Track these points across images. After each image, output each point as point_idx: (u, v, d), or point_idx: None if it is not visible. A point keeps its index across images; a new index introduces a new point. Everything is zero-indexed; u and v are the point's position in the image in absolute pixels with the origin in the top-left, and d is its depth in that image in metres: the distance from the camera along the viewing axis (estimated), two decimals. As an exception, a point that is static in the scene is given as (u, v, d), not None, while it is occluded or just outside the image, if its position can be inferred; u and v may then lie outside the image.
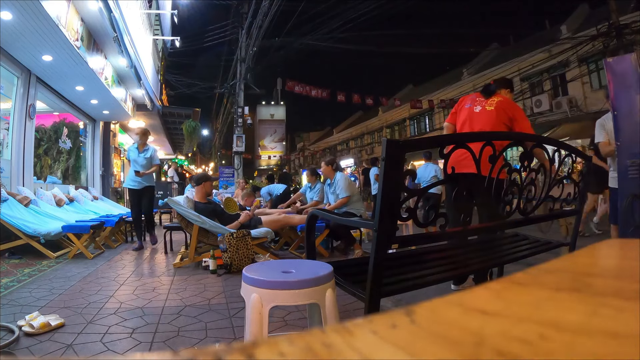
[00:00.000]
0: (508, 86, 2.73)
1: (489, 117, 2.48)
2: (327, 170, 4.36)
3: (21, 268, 3.48)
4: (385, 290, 1.12)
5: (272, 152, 38.28)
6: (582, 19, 14.35)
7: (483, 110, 2.53)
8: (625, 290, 0.28)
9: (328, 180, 4.43)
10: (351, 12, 11.62)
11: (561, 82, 13.58)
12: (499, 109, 2.47)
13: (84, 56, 5.06)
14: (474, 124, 2.51)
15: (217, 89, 15.74)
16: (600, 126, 2.89)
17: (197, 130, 12.28)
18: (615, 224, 2.79)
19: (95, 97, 6.88)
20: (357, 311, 2.19)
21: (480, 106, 2.55)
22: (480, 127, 2.46)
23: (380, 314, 0.24)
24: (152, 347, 1.78)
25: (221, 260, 3.39)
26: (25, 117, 5.26)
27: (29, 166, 5.42)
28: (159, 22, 12.31)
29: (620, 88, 2.24)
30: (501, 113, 2.46)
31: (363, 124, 27.40)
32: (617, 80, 2.26)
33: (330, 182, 4.37)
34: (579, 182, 1.75)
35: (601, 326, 0.21)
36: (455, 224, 1.49)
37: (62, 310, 2.23)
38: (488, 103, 2.53)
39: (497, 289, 0.29)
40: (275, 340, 0.20)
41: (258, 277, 1.17)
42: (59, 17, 4.13)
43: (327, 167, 4.36)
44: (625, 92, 2.22)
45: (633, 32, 10.13)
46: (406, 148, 1.03)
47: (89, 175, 8.40)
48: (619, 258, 0.43)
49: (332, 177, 4.35)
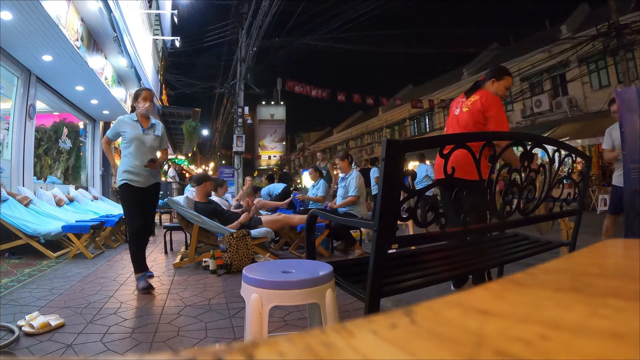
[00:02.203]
0: (494, 75, 2.52)
1: (464, 120, 2.42)
2: (344, 164, 4.33)
3: (21, 268, 3.48)
4: (385, 290, 1.12)
5: (272, 152, 38.28)
6: (582, 19, 14.35)
7: (460, 112, 2.46)
8: (625, 290, 0.28)
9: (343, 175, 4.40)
10: (351, 12, 11.63)
11: (561, 82, 13.58)
12: (472, 110, 2.38)
13: (84, 56, 5.06)
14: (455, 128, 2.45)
15: (217, 89, 15.74)
16: (608, 135, 3.26)
17: (197, 130, 12.27)
18: (612, 214, 3.32)
19: (95, 97, 6.88)
20: (357, 311, 2.19)
21: (460, 108, 2.47)
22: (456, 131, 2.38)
23: (380, 314, 0.24)
24: (152, 347, 1.78)
25: (221, 260, 3.39)
26: (25, 117, 5.26)
27: (29, 166, 5.42)
28: (159, 22, 12.32)
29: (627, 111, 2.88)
30: (475, 114, 2.37)
31: (363, 124, 27.40)
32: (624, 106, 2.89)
33: (345, 176, 4.33)
34: (579, 182, 1.75)
35: (601, 326, 0.21)
36: (453, 224, 1.49)
37: (62, 310, 2.23)
38: (465, 104, 2.45)
39: (497, 289, 0.29)
40: (275, 340, 0.20)
41: (258, 277, 1.17)
42: (59, 17, 4.14)
43: (344, 162, 4.32)
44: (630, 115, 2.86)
45: (633, 32, 10.13)
46: (406, 148, 1.03)
47: (89, 175, 8.40)
48: (619, 258, 0.44)
49: (347, 172, 4.32)
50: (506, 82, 2.52)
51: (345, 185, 4.26)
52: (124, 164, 2.93)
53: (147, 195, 2.97)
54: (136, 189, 2.89)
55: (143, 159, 2.90)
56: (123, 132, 2.94)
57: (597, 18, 11.38)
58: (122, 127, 2.95)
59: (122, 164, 2.94)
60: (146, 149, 2.97)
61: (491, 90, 2.47)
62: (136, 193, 2.90)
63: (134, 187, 2.88)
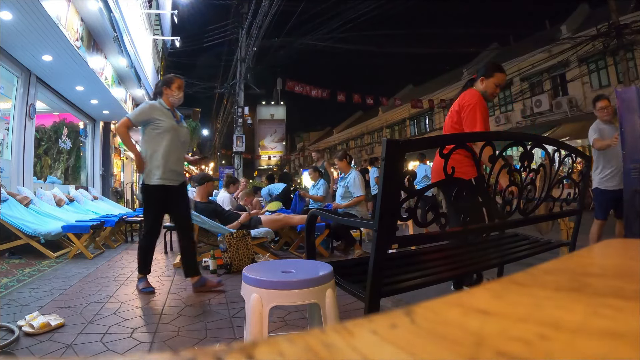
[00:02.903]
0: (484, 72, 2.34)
1: (445, 123, 2.39)
2: (343, 164, 4.33)
3: (21, 268, 3.48)
4: (385, 290, 1.12)
5: (272, 152, 38.27)
6: (582, 19, 14.35)
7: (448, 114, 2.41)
8: (625, 290, 0.28)
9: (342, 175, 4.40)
10: (351, 12, 11.64)
11: (561, 82, 13.59)
12: (452, 112, 2.31)
13: (84, 56, 5.06)
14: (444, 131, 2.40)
15: (217, 89, 15.75)
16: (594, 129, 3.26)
17: (197, 130, 12.24)
18: (599, 219, 3.29)
19: (95, 97, 6.88)
20: (357, 311, 2.19)
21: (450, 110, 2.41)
22: None
23: (380, 314, 0.24)
24: (152, 347, 1.78)
25: (221, 260, 3.39)
26: (25, 117, 5.26)
27: (29, 166, 5.42)
28: (159, 22, 12.32)
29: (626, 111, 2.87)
30: (453, 115, 2.27)
31: (363, 124, 27.40)
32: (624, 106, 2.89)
33: (344, 176, 4.34)
34: (579, 182, 1.75)
35: (601, 326, 0.21)
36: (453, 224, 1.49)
37: (62, 310, 2.22)
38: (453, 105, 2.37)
39: (497, 289, 0.29)
40: (275, 340, 0.20)
41: (258, 277, 1.17)
42: (59, 17, 4.13)
43: (343, 162, 4.33)
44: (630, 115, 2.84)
45: (633, 32, 10.13)
46: (406, 148, 1.03)
47: (89, 175, 8.40)
48: (619, 258, 0.43)
49: (347, 172, 4.32)
50: (496, 79, 2.29)
51: (345, 184, 4.26)
52: (157, 159, 2.50)
53: (181, 195, 2.65)
54: (171, 189, 2.57)
55: (179, 155, 2.59)
56: (158, 120, 2.51)
57: (597, 18, 11.38)
58: (156, 113, 2.52)
59: (154, 159, 2.51)
60: (180, 143, 2.60)
61: (480, 88, 2.31)
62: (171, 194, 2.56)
63: (170, 187, 2.55)
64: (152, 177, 2.51)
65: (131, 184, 10.42)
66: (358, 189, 4.15)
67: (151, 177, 2.52)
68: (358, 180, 4.19)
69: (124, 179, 10.87)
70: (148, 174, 2.52)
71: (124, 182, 10.65)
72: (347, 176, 4.28)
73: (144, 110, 2.54)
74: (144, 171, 2.55)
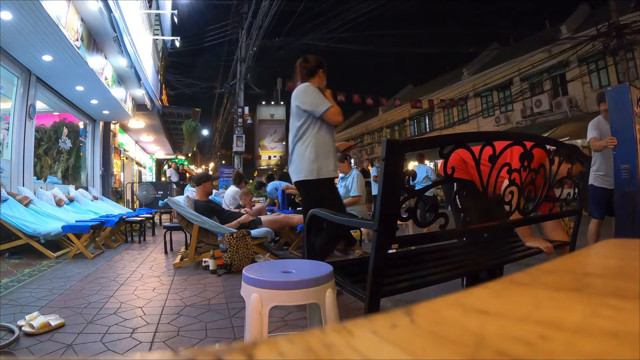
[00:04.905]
0: None
1: None
2: (344, 166, 4.33)
3: (21, 268, 3.48)
4: (385, 290, 1.12)
5: (272, 152, 38.26)
6: (582, 19, 14.35)
7: None
8: (625, 290, 0.28)
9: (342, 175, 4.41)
10: (351, 12, 11.64)
11: (561, 82, 13.59)
12: None
13: (84, 56, 5.06)
14: None
15: (217, 89, 15.77)
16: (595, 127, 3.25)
17: (197, 130, 12.28)
18: (595, 218, 3.30)
19: (95, 97, 6.88)
20: (357, 311, 2.19)
21: None
22: None
23: (380, 314, 0.24)
24: (152, 347, 1.78)
25: (221, 260, 3.39)
26: (25, 117, 5.26)
27: (29, 166, 5.42)
28: (159, 22, 12.31)
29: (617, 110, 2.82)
30: None
31: (363, 124, 27.40)
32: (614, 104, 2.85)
33: (345, 175, 4.34)
34: (579, 182, 1.75)
35: (601, 326, 0.21)
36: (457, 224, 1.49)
37: (62, 310, 2.22)
38: None
39: (497, 289, 0.29)
40: (275, 340, 0.20)
41: (258, 277, 1.17)
42: (59, 17, 4.13)
43: (344, 164, 4.32)
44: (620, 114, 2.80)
45: (633, 32, 10.13)
46: (406, 148, 1.03)
47: (89, 175, 8.40)
48: (619, 258, 0.43)
49: (347, 172, 4.33)
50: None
51: (346, 185, 4.27)
52: (331, 150, 2.25)
53: None
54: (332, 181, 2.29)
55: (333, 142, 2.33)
56: (319, 105, 2.22)
57: (597, 18, 11.38)
58: (316, 94, 2.24)
59: (321, 147, 2.25)
60: (332, 129, 2.32)
61: None
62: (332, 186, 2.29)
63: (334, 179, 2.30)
64: (322, 171, 2.27)
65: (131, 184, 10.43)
66: (356, 190, 4.16)
67: (321, 172, 2.28)
68: (358, 180, 4.19)
69: (124, 179, 10.87)
70: (318, 170, 2.26)
71: (124, 182, 10.66)
72: (348, 176, 4.29)
73: (317, 92, 2.27)
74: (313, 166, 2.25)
